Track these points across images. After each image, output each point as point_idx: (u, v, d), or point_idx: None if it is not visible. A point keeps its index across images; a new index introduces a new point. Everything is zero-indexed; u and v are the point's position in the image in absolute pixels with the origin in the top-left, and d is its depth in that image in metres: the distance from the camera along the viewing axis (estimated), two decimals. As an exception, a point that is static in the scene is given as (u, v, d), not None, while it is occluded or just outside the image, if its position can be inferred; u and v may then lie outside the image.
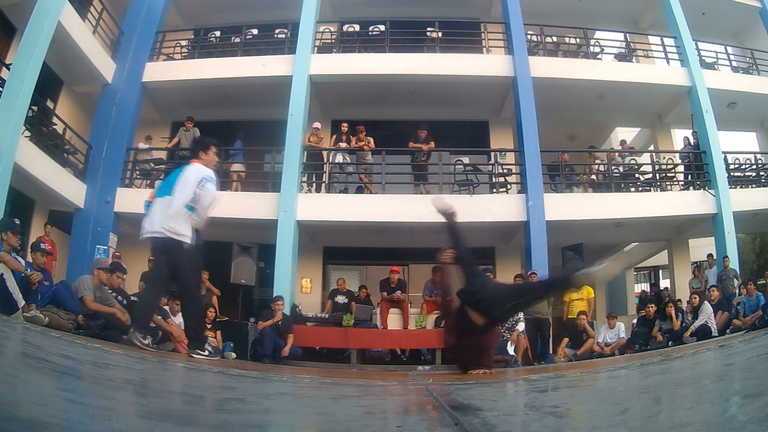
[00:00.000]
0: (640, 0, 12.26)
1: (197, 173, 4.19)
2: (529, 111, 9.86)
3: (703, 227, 10.36)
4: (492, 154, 10.79)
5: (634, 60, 11.93)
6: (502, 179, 10.30)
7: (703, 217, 10.09)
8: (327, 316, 8.99)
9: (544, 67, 10.44)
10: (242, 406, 1.87)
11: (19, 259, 5.75)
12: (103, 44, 10.17)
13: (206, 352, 4.20)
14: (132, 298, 7.31)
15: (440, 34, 11.02)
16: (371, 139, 10.03)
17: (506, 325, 7.37)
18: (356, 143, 10.00)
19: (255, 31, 11.41)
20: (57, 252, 8.58)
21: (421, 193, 10.00)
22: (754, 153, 11.55)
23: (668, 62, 11.49)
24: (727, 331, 7.88)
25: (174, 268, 4.18)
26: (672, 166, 11.11)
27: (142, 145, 10.49)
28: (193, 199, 4.10)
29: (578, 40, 11.72)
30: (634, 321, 9.16)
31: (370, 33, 11.19)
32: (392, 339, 8.42)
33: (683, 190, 10.72)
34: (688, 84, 10.69)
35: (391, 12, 11.64)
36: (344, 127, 10.10)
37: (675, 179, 11.14)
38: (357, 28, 11.27)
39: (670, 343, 7.95)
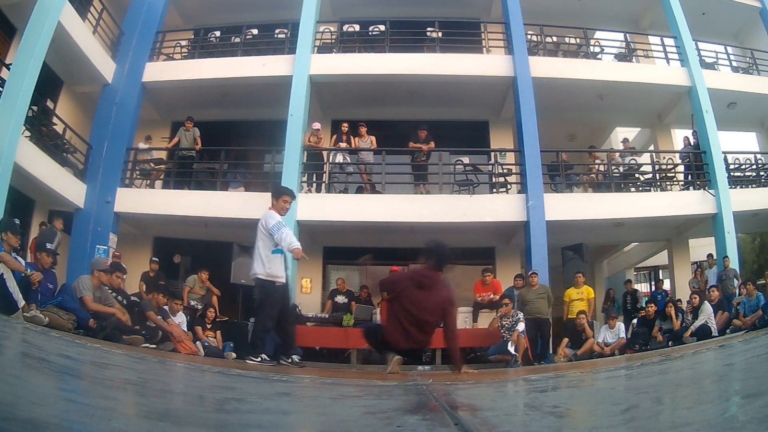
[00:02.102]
0: (640, 0, 12.26)
1: (264, 223, 5.08)
2: (529, 111, 9.85)
3: (703, 227, 10.36)
4: (492, 154, 10.79)
5: (634, 60, 11.92)
6: (502, 179, 10.29)
7: (703, 217, 10.09)
8: (327, 316, 8.99)
9: (544, 67, 10.44)
10: (242, 406, 1.87)
11: (19, 259, 5.75)
12: (103, 44, 10.16)
13: (258, 359, 4.91)
14: (132, 298, 7.32)
15: (440, 34, 11.01)
16: (374, 138, 10.02)
17: (506, 325, 7.37)
18: (357, 142, 10.00)
19: (255, 31, 11.40)
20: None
21: (421, 193, 10.00)
22: (754, 153, 11.54)
23: (668, 62, 11.48)
24: (727, 331, 7.87)
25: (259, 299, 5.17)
26: (672, 166, 11.10)
27: (142, 145, 10.49)
28: (276, 244, 5.05)
29: (578, 40, 11.71)
30: (634, 321, 9.17)
31: (370, 33, 11.18)
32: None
33: (683, 190, 10.71)
34: (688, 84, 10.68)
35: (391, 12, 11.63)
36: (344, 127, 10.10)
37: (675, 179, 11.13)
38: (357, 28, 11.26)
39: (669, 343, 7.95)
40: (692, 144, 10.91)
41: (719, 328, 7.95)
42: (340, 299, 9.17)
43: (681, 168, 11.12)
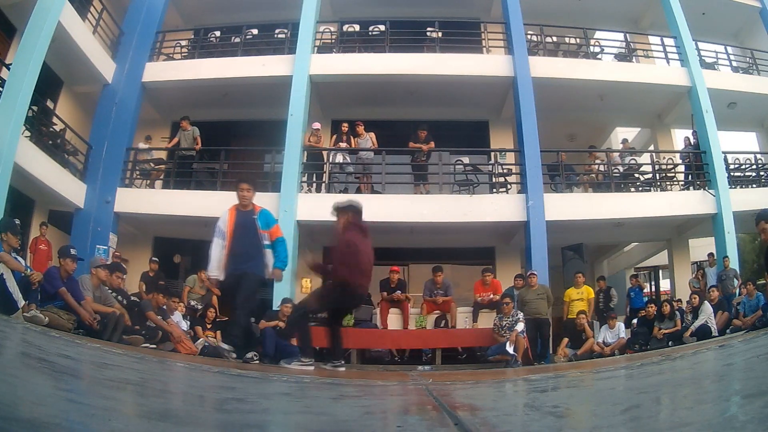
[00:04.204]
0: (640, 0, 12.26)
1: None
2: (529, 111, 9.85)
3: (703, 227, 10.36)
4: (492, 154, 10.79)
5: (634, 60, 11.92)
6: (502, 179, 10.30)
7: (703, 217, 10.09)
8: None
9: (544, 67, 10.44)
10: (242, 406, 1.87)
11: (19, 259, 5.74)
12: (103, 44, 10.16)
13: (226, 347, 4.86)
14: (132, 298, 7.32)
15: (440, 34, 11.02)
16: (373, 134, 10.00)
17: (505, 324, 7.37)
18: (355, 142, 9.99)
19: (255, 31, 11.40)
20: (53, 252, 8.56)
21: (421, 193, 10.00)
22: (754, 153, 11.54)
23: (668, 62, 11.48)
24: (727, 331, 7.87)
25: None
26: (672, 166, 11.11)
27: (142, 145, 10.49)
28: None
29: (578, 40, 11.71)
30: (634, 321, 9.15)
31: (370, 33, 11.19)
32: (392, 339, 8.41)
33: (683, 190, 10.71)
34: (688, 84, 10.68)
35: (391, 12, 11.63)
36: (344, 127, 10.10)
37: (675, 179, 11.14)
38: (357, 28, 11.26)
39: (669, 343, 7.95)
40: (692, 144, 10.90)
41: (719, 328, 7.94)
42: (340, 299, 9.15)
43: (681, 168, 11.12)
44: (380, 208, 9.41)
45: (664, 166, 11.05)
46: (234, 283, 4.89)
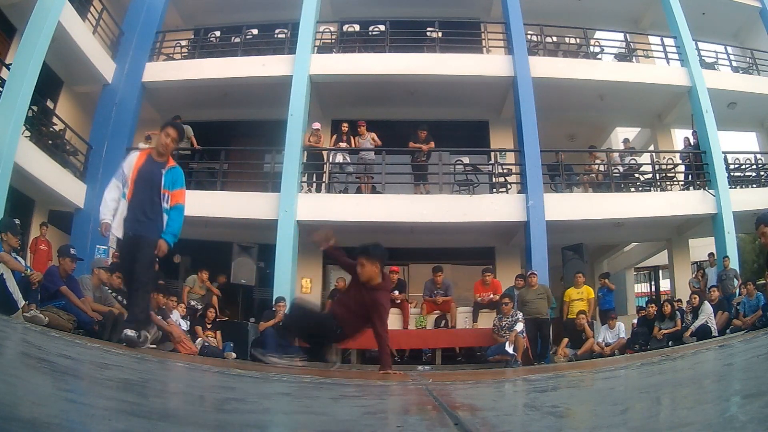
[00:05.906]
0: (640, 0, 12.26)
1: None
2: (529, 111, 9.86)
3: (703, 227, 10.36)
4: (492, 154, 10.79)
5: (634, 60, 11.93)
6: (502, 179, 10.30)
7: (703, 217, 10.10)
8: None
9: (544, 67, 10.44)
10: (242, 406, 1.87)
11: (19, 259, 5.75)
12: (103, 44, 10.17)
13: (131, 334, 4.11)
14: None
15: (440, 34, 11.03)
16: (374, 134, 10.00)
17: (504, 324, 7.37)
18: (357, 142, 9.99)
19: (255, 31, 11.41)
20: (53, 252, 8.56)
21: (421, 193, 10.01)
22: (754, 153, 11.55)
23: (668, 62, 11.49)
24: (727, 331, 7.87)
25: None
26: (672, 166, 11.11)
27: (142, 146, 10.46)
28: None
29: (578, 40, 11.72)
30: (634, 321, 9.15)
31: (370, 33, 11.19)
32: (392, 339, 8.38)
33: (683, 190, 10.72)
34: (688, 84, 10.69)
35: (391, 12, 11.63)
36: (344, 127, 10.10)
37: (675, 179, 11.14)
38: (357, 28, 11.27)
39: (669, 343, 7.96)
40: (692, 144, 10.91)
41: (719, 328, 7.95)
42: (340, 299, 9.16)
43: (681, 168, 11.13)
44: (380, 208, 9.43)
45: (664, 166, 11.05)
46: (129, 249, 4.16)
